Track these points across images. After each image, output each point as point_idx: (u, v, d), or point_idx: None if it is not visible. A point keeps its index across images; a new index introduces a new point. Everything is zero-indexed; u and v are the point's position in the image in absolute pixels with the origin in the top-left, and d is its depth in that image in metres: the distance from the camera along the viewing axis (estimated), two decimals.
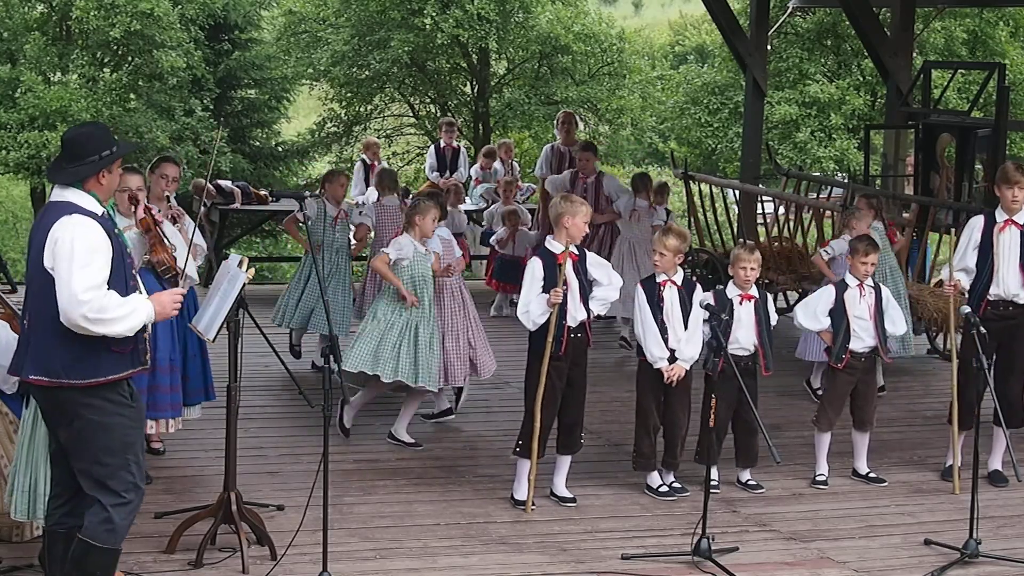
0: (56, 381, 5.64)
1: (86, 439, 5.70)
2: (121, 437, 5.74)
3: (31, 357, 5.68)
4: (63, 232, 5.59)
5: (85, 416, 5.67)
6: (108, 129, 6.01)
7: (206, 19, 29.00)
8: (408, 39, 29.44)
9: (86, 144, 5.76)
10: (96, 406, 5.68)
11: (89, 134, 5.83)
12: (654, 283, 8.08)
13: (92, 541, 5.72)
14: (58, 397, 5.67)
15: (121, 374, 5.74)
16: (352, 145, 31.88)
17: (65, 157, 5.77)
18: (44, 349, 5.65)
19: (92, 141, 5.77)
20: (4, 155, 26.00)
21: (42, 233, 5.65)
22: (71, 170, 5.73)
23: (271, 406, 9.50)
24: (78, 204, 5.67)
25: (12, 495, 6.37)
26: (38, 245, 5.66)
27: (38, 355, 5.65)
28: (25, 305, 5.78)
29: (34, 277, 5.69)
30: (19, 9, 28.08)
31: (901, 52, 14.65)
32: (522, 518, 7.76)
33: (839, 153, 31.34)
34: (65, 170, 5.74)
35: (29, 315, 5.73)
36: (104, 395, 5.70)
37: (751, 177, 15.87)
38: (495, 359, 9.59)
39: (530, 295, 7.79)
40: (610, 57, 31.92)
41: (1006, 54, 32.32)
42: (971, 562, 7.18)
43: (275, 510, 7.56)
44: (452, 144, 15.83)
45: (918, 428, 9.93)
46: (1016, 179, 8.40)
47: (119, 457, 5.73)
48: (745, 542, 7.45)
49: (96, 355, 5.65)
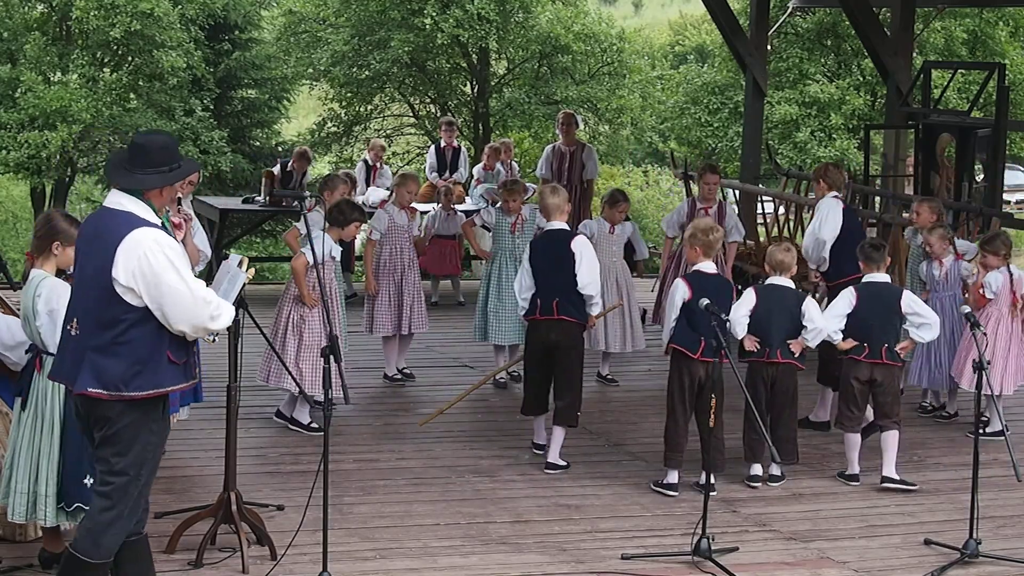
0: (116, 394, 5.51)
1: (107, 450, 5.61)
2: (141, 452, 5.62)
3: (87, 369, 5.51)
4: (147, 246, 5.45)
5: (116, 425, 5.57)
6: (176, 142, 5.93)
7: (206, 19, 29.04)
8: (408, 39, 29.46)
9: (160, 153, 5.64)
10: (132, 419, 5.57)
11: (164, 144, 5.70)
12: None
13: (78, 552, 5.60)
14: (103, 407, 5.55)
15: (175, 387, 5.66)
16: (352, 145, 31.90)
17: (134, 162, 5.61)
18: (101, 361, 5.49)
19: (166, 152, 5.65)
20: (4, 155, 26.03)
21: (107, 245, 5.48)
22: (139, 177, 5.59)
23: (271, 406, 9.50)
24: (142, 216, 5.56)
25: (10, 496, 6.36)
26: (103, 256, 5.48)
27: (95, 368, 5.49)
28: (71, 314, 5.61)
29: (91, 288, 5.52)
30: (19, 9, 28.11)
31: (901, 52, 14.65)
32: (522, 518, 7.76)
33: (839, 153, 31.34)
34: (133, 175, 5.59)
35: (80, 325, 5.56)
36: (144, 407, 5.58)
37: (751, 177, 15.88)
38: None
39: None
40: (610, 57, 31.94)
41: (1006, 54, 32.34)
42: (971, 562, 7.18)
43: (275, 510, 7.56)
44: (452, 144, 15.83)
45: (918, 428, 9.93)
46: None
47: (132, 476, 5.62)
48: (745, 542, 7.45)
49: (156, 367, 5.55)
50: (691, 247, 8.38)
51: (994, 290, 9.56)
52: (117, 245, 5.45)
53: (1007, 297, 9.58)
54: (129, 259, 5.44)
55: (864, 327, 8.55)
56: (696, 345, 8.12)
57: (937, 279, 9.96)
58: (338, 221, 9.13)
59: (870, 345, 8.54)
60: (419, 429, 9.38)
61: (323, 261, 8.66)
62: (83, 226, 5.81)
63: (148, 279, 5.44)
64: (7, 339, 6.69)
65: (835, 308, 8.64)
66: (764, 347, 8.44)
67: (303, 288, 8.99)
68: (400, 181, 10.81)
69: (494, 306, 10.44)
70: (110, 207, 5.62)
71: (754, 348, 8.45)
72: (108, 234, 5.52)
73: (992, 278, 9.57)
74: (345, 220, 9.16)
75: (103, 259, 5.47)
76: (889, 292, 8.71)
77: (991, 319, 9.54)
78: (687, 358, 8.16)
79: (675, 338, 8.22)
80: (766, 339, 8.44)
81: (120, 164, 5.68)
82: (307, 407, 9.25)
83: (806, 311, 8.49)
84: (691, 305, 8.07)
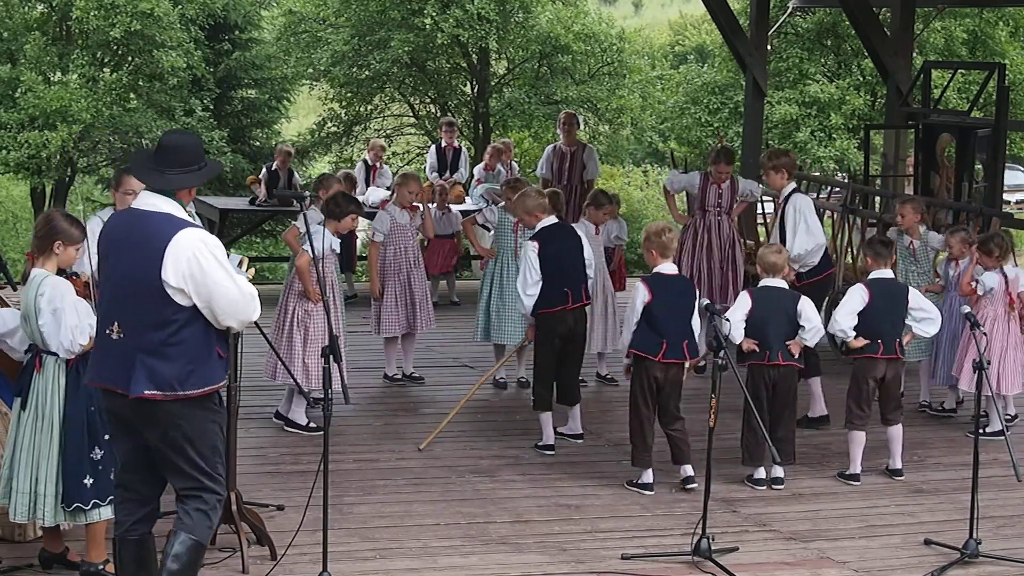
0: (171, 394, 5.55)
1: (181, 446, 5.64)
2: (212, 441, 5.73)
3: (140, 372, 5.52)
4: (195, 247, 5.51)
5: (183, 427, 5.62)
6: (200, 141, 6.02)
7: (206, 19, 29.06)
8: (408, 39, 29.45)
9: (192, 153, 5.70)
10: (195, 416, 5.64)
11: (195, 144, 5.79)
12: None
13: (200, 539, 5.72)
14: (158, 409, 5.57)
15: (223, 381, 5.77)
16: (352, 145, 31.90)
17: (166, 162, 5.64)
18: (154, 363, 5.52)
19: (197, 151, 5.74)
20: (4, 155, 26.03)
21: (152, 247, 5.50)
22: (172, 177, 5.63)
23: (271, 406, 9.50)
24: (180, 217, 5.62)
25: (10, 498, 6.35)
26: (148, 258, 5.50)
27: (148, 370, 5.51)
28: (110, 317, 5.59)
29: (134, 290, 5.53)
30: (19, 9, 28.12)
31: (901, 52, 14.65)
32: (522, 518, 7.76)
33: (839, 153, 31.37)
34: (165, 175, 5.63)
35: (124, 328, 5.55)
36: (203, 403, 5.65)
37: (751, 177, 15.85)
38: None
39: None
40: (610, 57, 31.94)
41: (1006, 54, 32.33)
42: (971, 562, 7.18)
43: (275, 510, 7.56)
44: (453, 144, 15.83)
45: (918, 428, 9.92)
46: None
47: (211, 459, 5.73)
48: (745, 542, 7.45)
49: (208, 364, 5.63)
50: (647, 251, 8.40)
51: (988, 288, 9.59)
52: (164, 247, 5.50)
53: (1003, 297, 9.60)
54: (179, 261, 5.49)
55: (876, 324, 8.57)
56: (658, 348, 8.13)
57: (951, 278, 10.07)
58: (334, 213, 9.14)
59: (883, 342, 8.56)
60: (419, 429, 9.38)
61: (324, 256, 8.70)
62: (110, 228, 5.75)
63: (198, 279, 5.51)
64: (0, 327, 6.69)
65: (848, 306, 8.61)
66: (764, 350, 8.44)
67: (309, 285, 9.00)
68: (401, 181, 10.82)
69: (496, 306, 10.44)
70: (144, 208, 5.63)
71: (753, 350, 8.46)
72: (152, 236, 5.54)
73: (987, 278, 9.60)
74: (341, 212, 9.17)
75: (149, 261, 5.50)
76: (898, 288, 8.79)
77: (987, 319, 9.56)
78: (648, 361, 8.17)
79: (636, 343, 8.22)
80: (765, 342, 8.43)
81: (148, 165, 5.70)
82: (303, 406, 9.25)
83: (802, 311, 8.48)
84: (651, 308, 8.10)
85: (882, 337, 8.55)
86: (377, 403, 10.33)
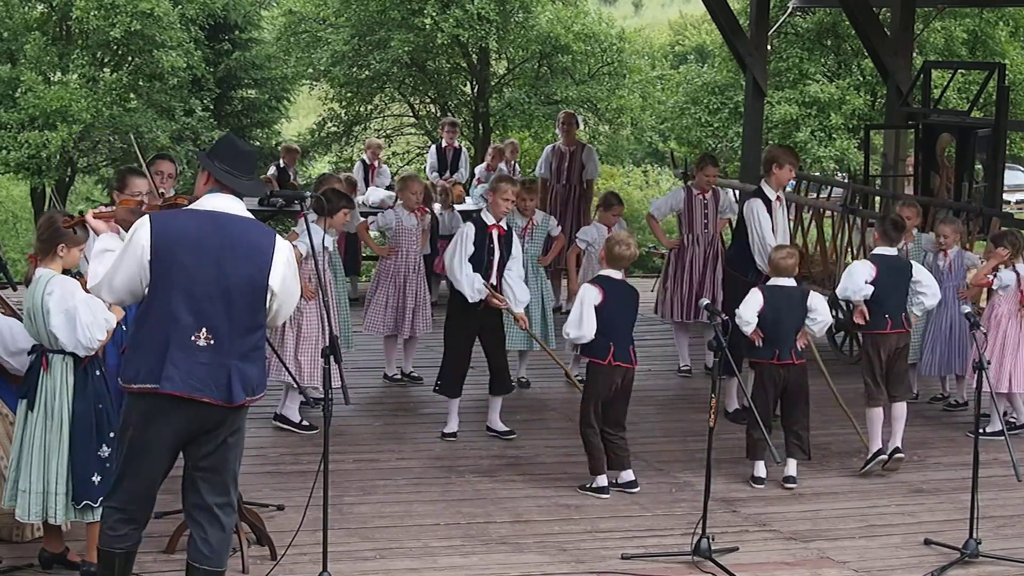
0: (255, 398, 5.64)
1: (227, 455, 5.64)
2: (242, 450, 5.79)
3: (237, 379, 5.51)
4: (289, 254, 5.66)
5: (242, 429, 5.69)
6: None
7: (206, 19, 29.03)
8: (408, 39, 29.44)
9: (254, 159, 5.81)
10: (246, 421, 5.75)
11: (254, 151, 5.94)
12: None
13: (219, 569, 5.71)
14: (238, 414, 5.60)
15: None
16: (352, 145, 31.89)
17: (242, 167, 5.67)
18: (245, 368, 5.54)
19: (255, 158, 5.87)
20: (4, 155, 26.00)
21: (256, 253, 5.52)
22: (250, 184, 5.71)
23: (271, 406, 9.49)
24: (260, 221, 5.72)
25: (19, 499, 6.34)
26: (251, 263, 5.51)
27: (242, 376, 5.53)
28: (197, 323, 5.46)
29: (233, 294, 5.49)
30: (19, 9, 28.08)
31: (901, 52, 14.65)
32: (522, 518, 7.76)
33: (839, 153, 31.34)
34: (241, 181, 5.65)
35: (215, 334, 5.48)
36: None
37: (751, 177, 15.86)
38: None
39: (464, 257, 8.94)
40: (610, 57, 31.91)
41: (1006, 54, 32.32)
42: (971, 562, 7.18)
43: (275, 510, 7.56)
44: (453, 144, 15.84)
45: (918, 428, 9.92)
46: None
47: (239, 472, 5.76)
48: (745, 542, 7.45)
49: (264, 366, 5.75)
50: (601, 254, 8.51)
51: (1004, 284, 9.71)
52: (272, 253, 5.57)
53: (1015, 295, 9.67)
54: (281, 267, 5.59)
55: (883, 298, 8.67)
56: (606, 351, 8.12)
57: (942, 269, 10.20)
58: (325, 210, 9.15)
59: (890, 316, 8.64)
60: (419, 429, 9.40)
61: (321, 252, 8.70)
62: (183, 230, 5.52)
63: (288, 284, 5.65)
64: (10, 344, 6.69)
65: (855, 275, 8.68)
66: (774, 349, 8.45)
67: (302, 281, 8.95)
68: (402, 184, 10.82)
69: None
70: (228, 212, 5.59)
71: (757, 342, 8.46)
72: (257, 242, 5.58)
73: (1005, 273, 9.73)
74: (333, 208, 9.18)
75: (255, 267, 5.53)
76: (901, 263, 8.91)
77: (1001, 316, 9.70)
78: (600, 365, 8.17)
79: (586, 349, 8.21)
80: (776, 341, 8.45)
81: (224, 169, 5.65)
82: (296, 404, 9.26)
83: (811, 305, 8.54)
84: (601, 311, 8.09)
85: (889, 311, 8.65)
86: (377, 403, 10.33)
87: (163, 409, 5.52)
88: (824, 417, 10.01)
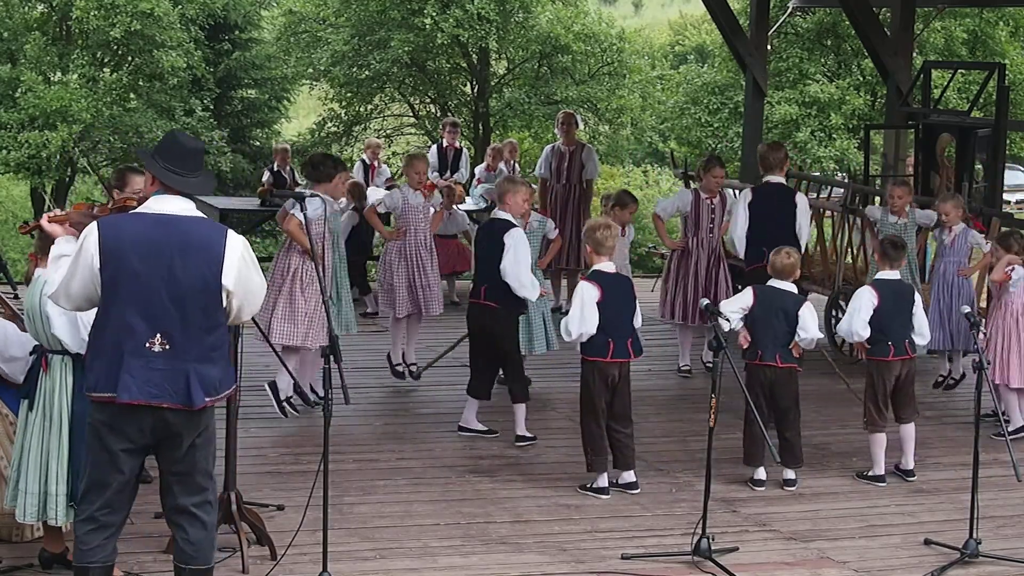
0: (214, 398, 5.57)
1: (196, 456, 5.60)
2: (214, 448, 5.75)
3: (196, 382, 5.46)
4: (243, 251, 5.56)
5: (210, 428, 5.64)
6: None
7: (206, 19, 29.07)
8: (408, 39, 29.46)
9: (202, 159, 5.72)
10: (212, 419, 5.69)
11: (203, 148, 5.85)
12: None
13: (206, 566, 5.70)
14: (202, 415, 5.56)
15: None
16: (352, 145, 31.90)
17: (188, 166, 5.59)
18: (204, 370, 5.49)
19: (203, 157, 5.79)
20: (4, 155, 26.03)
21: (209, 254, 5.45)
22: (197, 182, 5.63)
23: (271, 406, 9.49)
24: (213, 220, 5.68)
25: (19, 499, 6.33)
26: (204, 264, 5.44)
27: (201, 378, 5.48)
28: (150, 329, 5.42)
29: (187, 297, 5.42)
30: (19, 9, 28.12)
31: (901, 52, 14.65)
32: (522, 518, 7.76)
33: (839, 153, 31.35)
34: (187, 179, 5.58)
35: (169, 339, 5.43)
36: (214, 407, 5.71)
37: (751, 177, 15.85)
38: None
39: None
40: (610, 57, 31.93)
41: (1006, 54, 32.33)
42: (971, 562, 7.18)
43: (275, 510, 7.56)
44: (454, 144, 15.84)
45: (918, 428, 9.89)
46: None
47: (212, 469, 5.72)
48: (745, 542, 7.45)
49: (229, 364, 5.71)
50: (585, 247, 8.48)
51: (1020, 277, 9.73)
52: (223, 252, 5.48)
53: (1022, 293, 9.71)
54: (234, 265, 5.51)
55: (886, 325, 8.55)
56: (605, 349, 8.11)
57: (945, 244, 10.43)
58: (323, 177, 9.14)
59: (893, 343, 8.54)
60: (419, 429, 9.38)
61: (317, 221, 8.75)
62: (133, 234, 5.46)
63: (244, 281, 5.56)
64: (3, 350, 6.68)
65: (862, 314, 8.54)
66: (757, 350, 8.42)
67: (305, 242, 8.88)
68: (407, 162, 10.81)
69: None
70: (178, 214, 5.53)
71: (743, 344, 8.45)
72: (207, 242, 5.49)
73: (1018, 273, 9.72)
74: (323, 173, 9.17)
75: (207, 267, 5.46)
76: (905, 287, 8.79)
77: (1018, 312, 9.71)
78: (599, 363, 8.14)
79: (585, 347, 8.17)
80: (760, 342, 8.41)
81: (169, 169, 5.58)
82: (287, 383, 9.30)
83: (802, 317, 8.43)
84: (600, 307, 8.06)
85: (892, 339, 8.54)
86: (377, 403, 10.33)
87: (124, 417, 5.50)
88: (824, 417, 10.03)
